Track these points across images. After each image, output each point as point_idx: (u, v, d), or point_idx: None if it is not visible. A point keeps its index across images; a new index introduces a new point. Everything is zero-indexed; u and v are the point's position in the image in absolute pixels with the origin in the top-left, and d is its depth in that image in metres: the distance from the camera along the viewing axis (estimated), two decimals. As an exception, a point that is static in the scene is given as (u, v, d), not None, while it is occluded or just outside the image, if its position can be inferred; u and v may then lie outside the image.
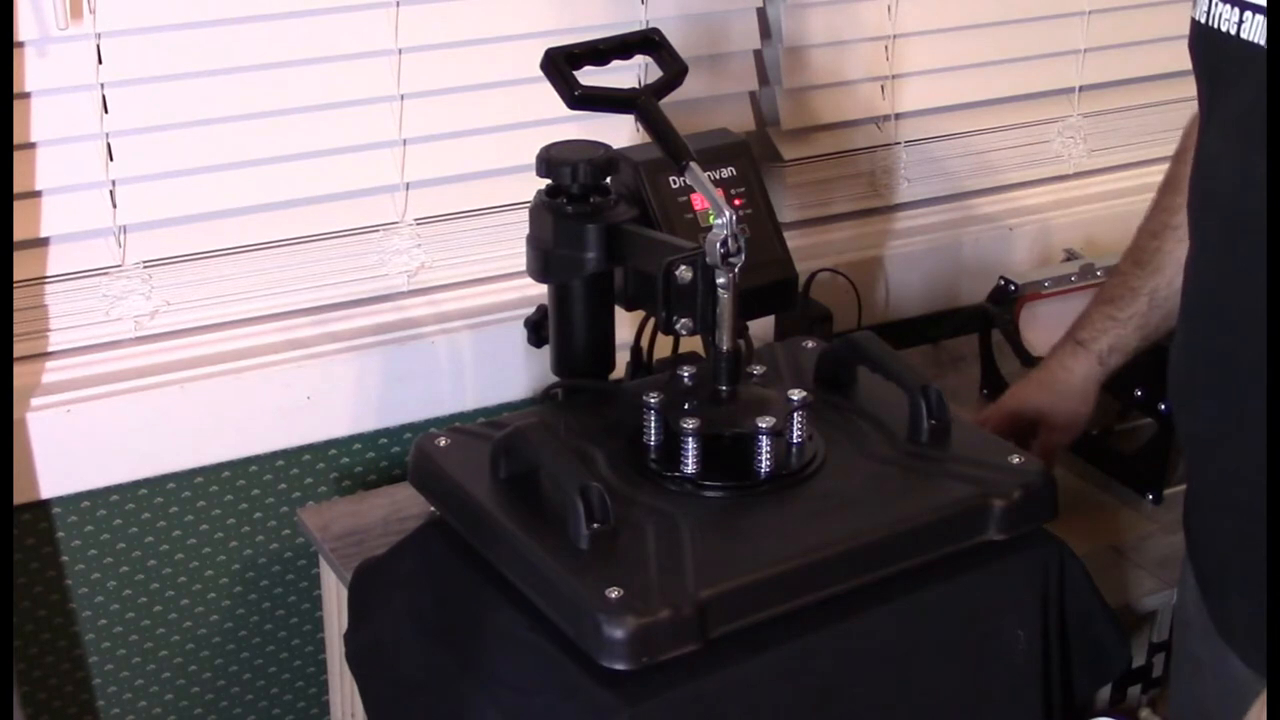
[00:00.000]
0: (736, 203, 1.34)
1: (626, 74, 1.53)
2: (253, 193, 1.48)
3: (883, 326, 1.74)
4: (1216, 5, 1.01)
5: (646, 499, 1.13)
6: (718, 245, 1.12)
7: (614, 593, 1.02)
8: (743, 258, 1.13)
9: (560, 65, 1.18)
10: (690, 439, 1.14)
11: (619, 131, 1.54)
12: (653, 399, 1.18)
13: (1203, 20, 1.03)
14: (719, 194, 1.14)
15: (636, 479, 1.15)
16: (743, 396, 1.18)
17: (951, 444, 1.20)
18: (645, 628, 1.01)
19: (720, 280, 1.14)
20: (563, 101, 1.20)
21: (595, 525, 1.06)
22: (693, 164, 1.14)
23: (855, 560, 1.10)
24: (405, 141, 1.53)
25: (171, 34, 1.39)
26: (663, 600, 1.02)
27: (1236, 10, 0.99)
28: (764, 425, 1.14)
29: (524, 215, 1.31)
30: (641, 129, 1.35)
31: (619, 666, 1.01)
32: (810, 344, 1.35)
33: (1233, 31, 1.00)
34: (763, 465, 1.15)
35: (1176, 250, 1.29)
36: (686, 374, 1.22)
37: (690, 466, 1.15)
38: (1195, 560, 1.15)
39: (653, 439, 1.18)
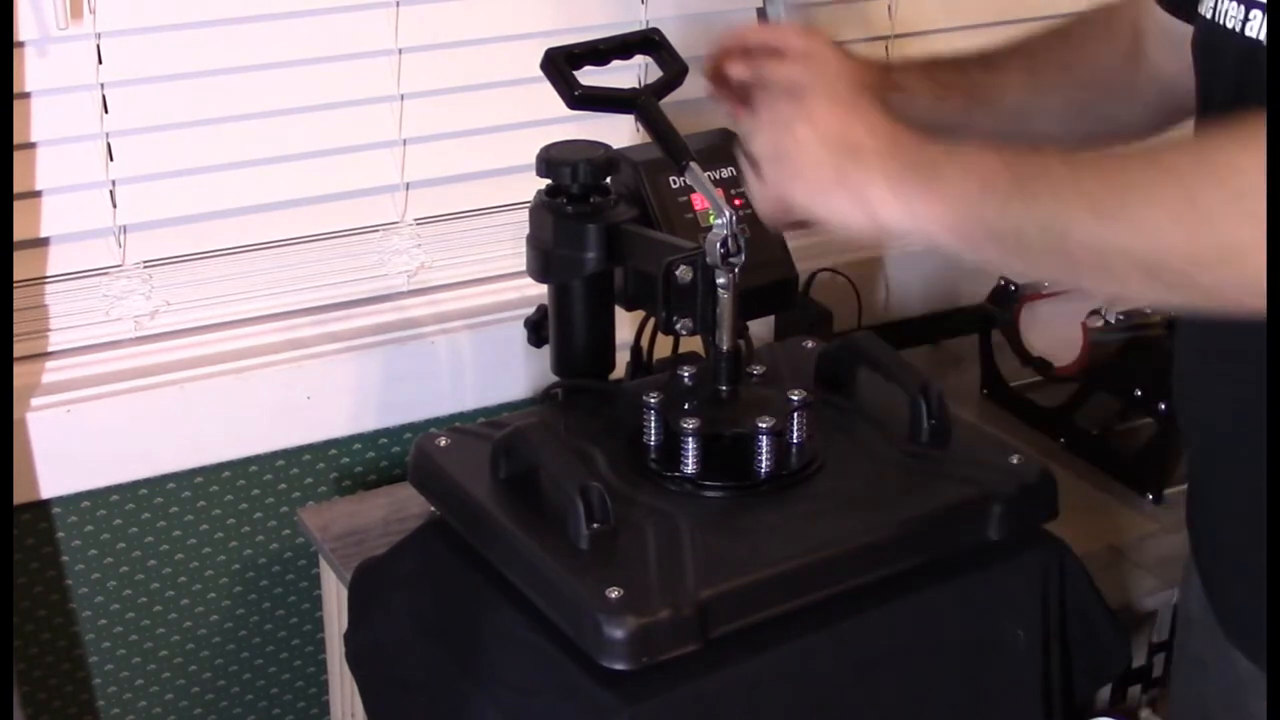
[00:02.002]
0: (736, 203, 1.34)
1: (626, 74, 1.53)
2: (253, 193, 1.48)
3: (883, 326, 1.74)
4: (1224, 2, 1.01)
5: (646, 499, 1.13)
6: (718, 245, 1.12)
7: (614, 593, 1.02)
8: (743, 258, 1.13)
9: (560, 65, 1.18)
10: (690, 439, 1.14)
11: (619, 131, 1.54)
12: (653, 399, 1.18)
13: (1208, 16, 1.03)
14: (719, 194, 1.14)
15: (636, 479, 1.15)
16: (743, 396, 1.18)
17: (951, 444, 1.20)
18: (645, 628, 1.01)
19: (720, 280, 1.14)
20: (563, 101, 1.20)
21: (595, 525, 1.06)
22: (693, 164, 1.14)
23: (855, 560, 1.10)
24: (405, 141, 1.52)
25: (171, 34, 1.39)
26: (663, 600, 1.02)
27: (1243, 8, 0.99)
28: (764, 425, 1.14)
29: (524, 215, 1.31)
30: (641, 129, 1.35)
31: (619, 666, 1.01)
32: (810, 344, 1.35)
33: (1237, 29, 1.00)
34: (763, 465, 1.15)
35: (1017, 95, 1.22)
36: (686, 374, 1.22)
37: (690, 466, 1.15)
38: (1200, 558, 1.15)
39: (653, 439, 1.18)
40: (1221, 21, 1.01)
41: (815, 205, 0.95)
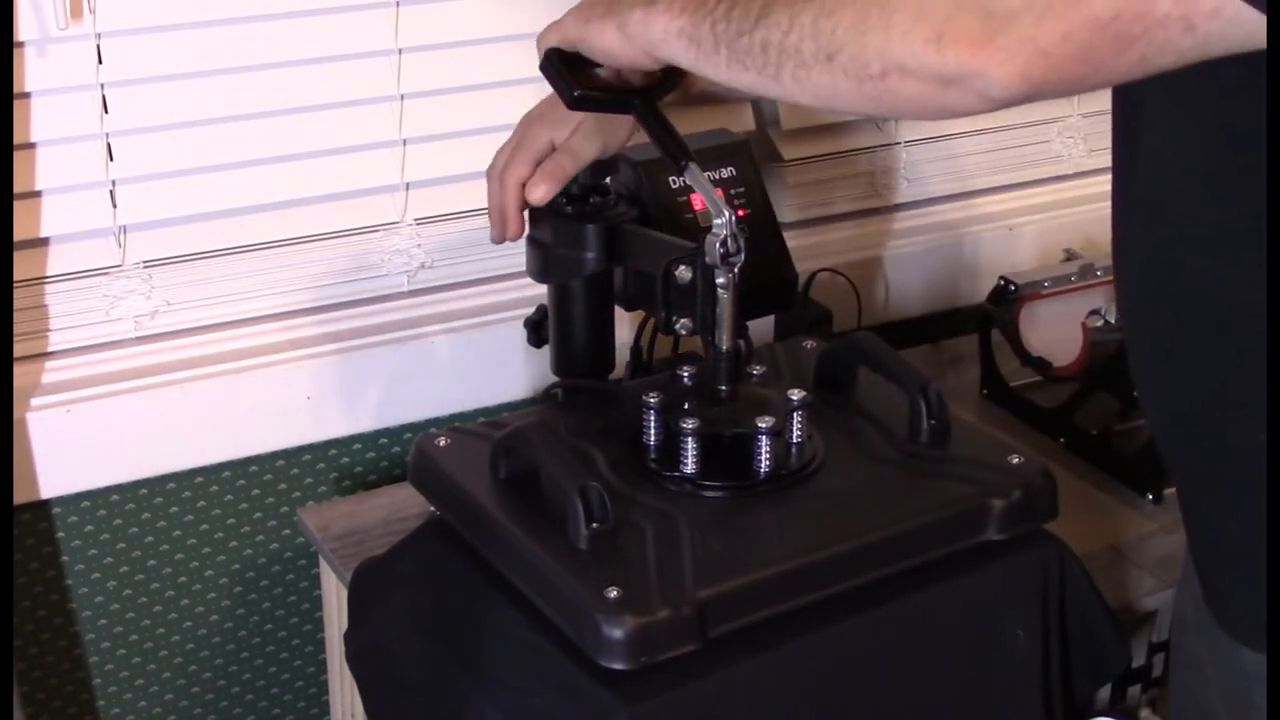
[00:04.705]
0: (735, 203, 1.34)
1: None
2: (253, 193, 1.48)
3: (883, 326, 1.74)
4: None
5: (646, 499, 1.13)
6: (717, 245, 1.12)
7: (613, 592, 1.02)
8: (742, 257, 1.13)
9: (559, 65, 1.17)
10: (689, 439, 1.14)
11: (619, 131, 1.54)
12: (652, 399, 1.18)
13: None
14: (718, 194, 1.14)
15: (636, 479, 1.15)
16: (742, 396, 1.18)
17: (951, 444, 1.20)
18: (644, 627, 1.01)
19: (720, 280, 1.14)
20: (562, 102, 1.19)
21: (594, 525, 1.06)
22: (692, 164, 1.14)
23: (854, 560, 1.10)
24: (405, 141, 1.52)
25: (171, 34, 1.39)
26: (662, 600, 1.02)
27: None
28: (763, 425, 1.14)
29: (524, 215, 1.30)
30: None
31: (618, 666, 1.01)
32: (810, 344, 1.35)
33: None
34: (762, 465, 1.15)
35: None
36: (686, 374, 1.22)
37: (689, 466, 1.15)
38: (1195, 554, 1.15)
39: (652, 439, 1.18)
40: None
41: (582, 31, 1.10)
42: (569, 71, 1.15)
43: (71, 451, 1.42)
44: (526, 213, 1.27)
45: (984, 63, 0.86)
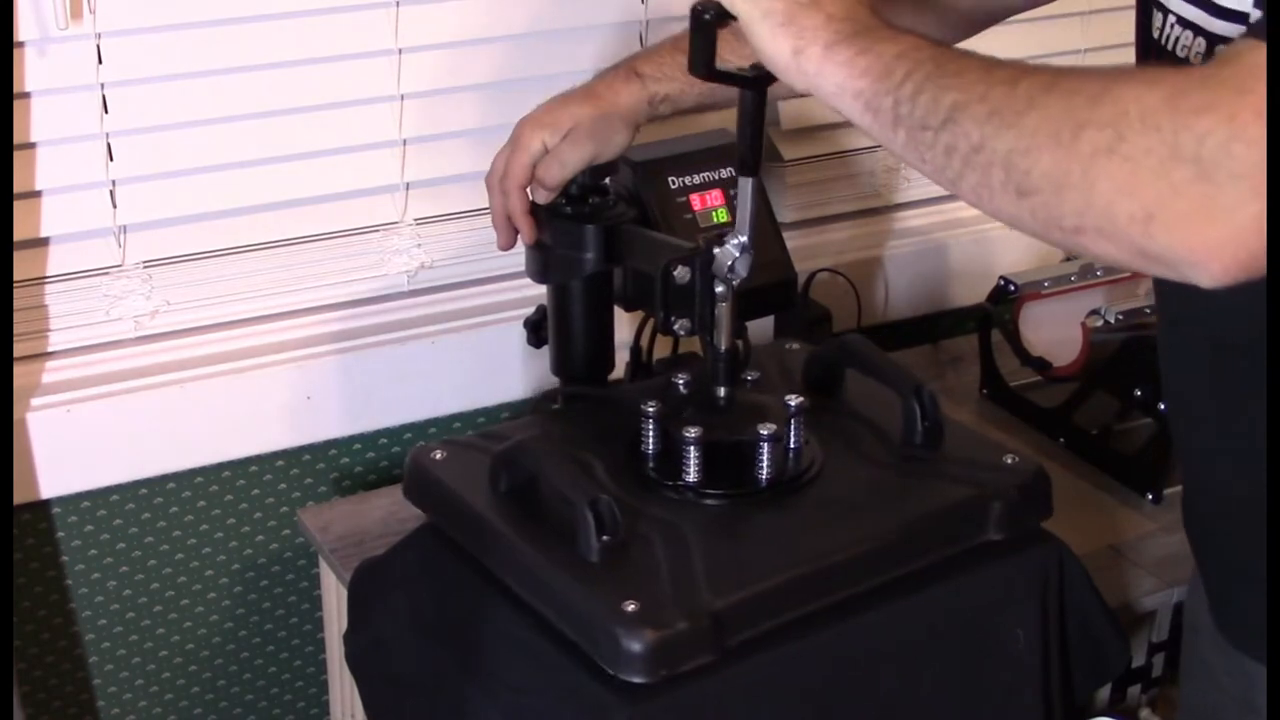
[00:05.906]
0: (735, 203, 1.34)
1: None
2: (253, 193, 1.48)
3: (882, 326, 1.74)
4: (1173, 28, 0.99)
5: (648, 508, 1.12)
6: (726, 262, 1.12)
7: (630, 606, 1.01)
8: (745, 274, 1.13)
9: (709, 34, 1.03)
10: (691, 447, 1.13)
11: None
12: (651, 408, 1.17)
13: (1156, 37, 1.02)
14: (749, 214, 1.12)
15: (636, 488, 1.14)
16: (741, 402, 1.18)
17: (945, 445, 1.20)
18: (664, 640, 1.00)
19: (719, 288, 1.14)
20: (689, 68, 1.07)
21: (605, 538, 1.05)
22: (754, 180, 1.10)
23: (864, 564, 1.10)
24: (405, 141, 1.52)
25: (171, 34, 1.39)
26: (679, 612, 1.01)
27: (1203, 40, 0.97)
28: (765, 432, 1.14)
29: (524, 216, 1.31)
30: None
31: (637, 679, 1.00)
32: (795, 346, 1.35)
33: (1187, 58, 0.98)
34: (764, 472, 1.15)
35: None
36: (682, 381, 1.22)
37: (692, 475, 1.14)
38: (1202, 565, 1.15)
39: (651, 447, 1.17)
40: (1171, 49, 0.99)
41: (755, 26, 0.95)
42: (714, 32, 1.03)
43: (71, 451, 1.42)
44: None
45: (1201, 254, 0.75)
